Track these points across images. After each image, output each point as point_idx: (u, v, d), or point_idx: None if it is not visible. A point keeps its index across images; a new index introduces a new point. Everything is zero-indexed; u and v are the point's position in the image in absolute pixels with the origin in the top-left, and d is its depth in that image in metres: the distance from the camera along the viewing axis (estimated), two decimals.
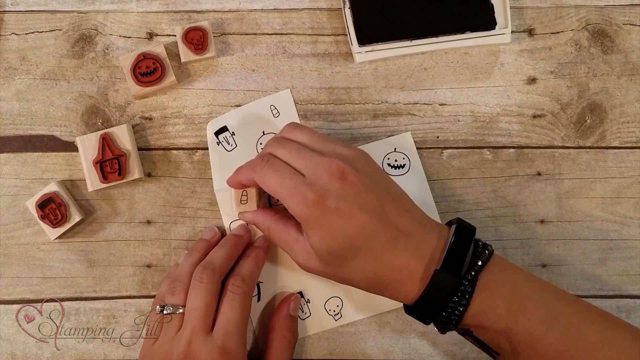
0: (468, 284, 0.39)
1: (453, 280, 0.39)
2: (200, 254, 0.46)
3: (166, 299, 0.44)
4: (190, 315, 0.42)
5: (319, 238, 0.40)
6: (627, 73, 0.50)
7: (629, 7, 0.50)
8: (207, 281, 0.43)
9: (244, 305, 0.44)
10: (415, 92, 0.50)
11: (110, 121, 0.50)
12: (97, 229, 0.50)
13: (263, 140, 0.49)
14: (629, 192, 0.49)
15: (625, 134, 0.50)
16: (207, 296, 0.43)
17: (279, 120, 0.50)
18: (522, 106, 0.50)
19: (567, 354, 0.38)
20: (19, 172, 0.50)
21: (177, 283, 0.44)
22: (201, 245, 0.47)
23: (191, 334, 0.42)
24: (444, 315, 0.40)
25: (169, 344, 0.43)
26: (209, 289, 0.43)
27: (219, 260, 0.45)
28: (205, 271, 0.43)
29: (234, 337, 0.42)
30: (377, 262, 0.40)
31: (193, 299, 0.43)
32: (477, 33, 0.48)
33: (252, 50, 0.50)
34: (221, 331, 0.42)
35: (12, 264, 0.49)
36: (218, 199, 0.49)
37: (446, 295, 0.39)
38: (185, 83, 0.50)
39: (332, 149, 0.42)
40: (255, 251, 0.47)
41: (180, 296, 0.44)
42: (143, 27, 0.50)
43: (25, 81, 0.50)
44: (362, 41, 0.48)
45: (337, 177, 0.39)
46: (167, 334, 0.43)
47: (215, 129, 0.50)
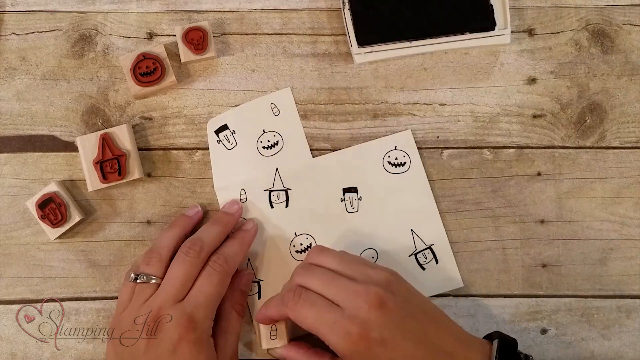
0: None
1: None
2: (180, 229, 0.47)
3: (141, 269, 0.44)
4: (167, 283, 0.43)
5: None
6: (627, 73, 0.50)
7: (629, 7, 0.50)
8: (192, 256, 0.44)
9: (221, 283, 0.44)
10: (415, 92, 0.50)
11: (110, 121, 0.50)
12: (97, 229, 0.50)
13: (263, 139, 0.49)
14: (629, 192, 0.49)
15: (625, 134, 0.50)
16: (189, 269, 0.43)
17: (279, 118, 0.50)
18: (522, 106, 0.50)
19: None
20: (19, 172, 0.50)
21: (154, 254, 0.45)
22: (182, 221, 0.47)
23: (163, 300, 0.42)
24: None
25: (137, 311, 0.43)
26: (193, 263, 0.43)
27: (208, 239, 0.45)
28: (193, 247, 0.44)
29: (203, 309, 0.42)
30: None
31: (174, 269, 0.43)
32: (476, 34, 0.48)
33: (252, 50, 0.50)
34: (192, 301, 0.42)
35: (12, 264, 0.49)
36: (218, 197, 0.49)
37: None
38: (185, 83, 0.50)
39: (363, 273, 0.41)
40: (243, 234, 0.47)
41: (156, 267, 0.44)
42: (143, 27, 0.50)
43: (25, 81, 0.50)
44: (362, 42, 0.48)
45: (376, 305, 0.39)
46: (138, 301, 0.43)
47: (216, 127, 0.50)
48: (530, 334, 0.49)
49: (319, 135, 0.50)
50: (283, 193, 0.49)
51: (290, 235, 0.49)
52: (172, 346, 0.41)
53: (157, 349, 0.41)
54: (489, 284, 0.49)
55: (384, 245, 0.49)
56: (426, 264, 0.49)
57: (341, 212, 0.49)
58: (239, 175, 0.49)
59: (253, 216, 0.49)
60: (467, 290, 0.49)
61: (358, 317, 0.39)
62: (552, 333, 0.49)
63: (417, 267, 0.49)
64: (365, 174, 0.49)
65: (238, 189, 0.49)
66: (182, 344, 0.41)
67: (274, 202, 0.49)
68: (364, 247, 0.49)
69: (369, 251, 0.49)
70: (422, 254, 0.49)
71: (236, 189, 0.49)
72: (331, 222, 0.49)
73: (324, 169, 0.49)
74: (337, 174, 0.49)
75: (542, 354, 0.49)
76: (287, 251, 0.49)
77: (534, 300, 0.49)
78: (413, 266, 0.49)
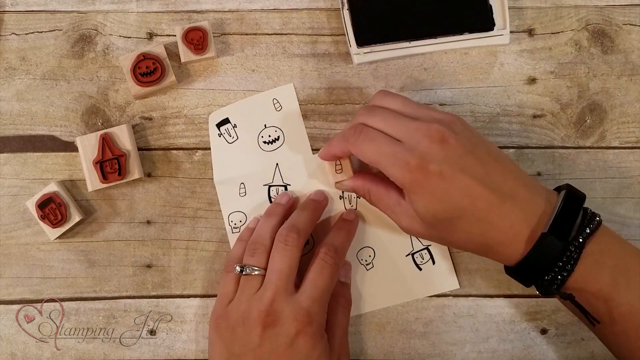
0: (574, 250, 0.39)
1: (560, 244, 0.39)
2: (278, 217, 0.46)
3: (245, 260, 0.44)
4: (274, 275, 0.43)
5: (423, 202, 0.40)
6: (627, 73, 0.50)
7: (629, 7, 0.50)
8: (292, 244, 0.43)
9: (332, 275, 0.44)
10: (415, 92, 0.50)
11: (110, 121, 0.50)
12: (97, 229, 0.50)
13: (264, 134, 0.49)
14: (629, 192, 0.49)
15: (625, 134, 0.50)
16: (292, 259, 0.43)
17: (281, 113, 0.50)
18: (522, 106, 0.50)
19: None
20: (19, 172, 0.50)
21: (258, 245, 0.45)
22: (279, 209, 0.47)
23: (274, 293, 0.42)
24: (546, 279, 0.40)
25: (247, 303, 0.43)
26: (293, 251, 0.43)
27: (302, 224, 0.45)
28: (290, 234, 0.44)
29: (318, 304, 0.42)
30: (483, 224, 0.40)
31: (277, 260, 0.43)
32: (475, 34, 0.48)
33: (252, 50, 0.50)
34: (308, 294, 0.42)
35: (12, 264, 0.49)
36: (218, 191, 0.49)
37: (552, 259, 0.39)
38: (185, 83, 0.50)
39: (427, 114, 0.42)
40: (348, 225, 0.47)
41: (261, 258, 0.44)
42: (143, 27, 0.50)
43: (25, 81, 0.50)
44: (361, 42, 0.48)
45: (437, 140, 0.39)
46: (245, 294, 0.43)
47: (217, 121, 0.50)
48: (530, 334, 0.49)
49: (319, 135, 0.50)
50: (283, 189, 0.49)
51: None
52: (290, 340, 0.41)
53: (272, 343, 0.41)
54: (489, 284, 0.49)
55: (381, 244, 0.49)
56: (423, 264, 0.49)
57: (340, 210, 0.49)
58: (239, 170, 0.49)
59: (252, 211, 0.49)
60: (467, 290, 0.49)
61: (417, 150, 0.39)
62: (552, 333, 0.49)
63: (414, 267, 0.49)
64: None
65: (238, 183, 0.49)
66: (300, 337, 0.41)
67: (274, 198, 0.49)
68: (361, 245, 0.49)
69: (366, 249, 0.49)
70: (419, 254, 0.49)
71: (236, 183, 0.49)
72: (329, 219, 0.49)
73: (323, 166, 0.49)
74: (340, 170, 0.49)
75: (542, 354, 0.49)
76: None
77: (534, 300, 0.49)
78: (410, 266, 0.49)
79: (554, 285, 0.40)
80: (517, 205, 0.40)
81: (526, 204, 0.40)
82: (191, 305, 0.49)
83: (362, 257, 0.49)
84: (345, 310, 0.46)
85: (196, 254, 0.50)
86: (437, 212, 0.40)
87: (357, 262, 0.49)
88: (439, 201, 0.39)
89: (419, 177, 0.39)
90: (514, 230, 0.40)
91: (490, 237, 0.40)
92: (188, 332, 0.49)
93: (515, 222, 0.40)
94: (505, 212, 0.39)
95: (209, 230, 0.50)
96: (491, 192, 0.39)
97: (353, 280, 0.49)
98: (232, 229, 0.49)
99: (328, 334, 0.44)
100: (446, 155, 0.39)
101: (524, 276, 0.41)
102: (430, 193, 0.39)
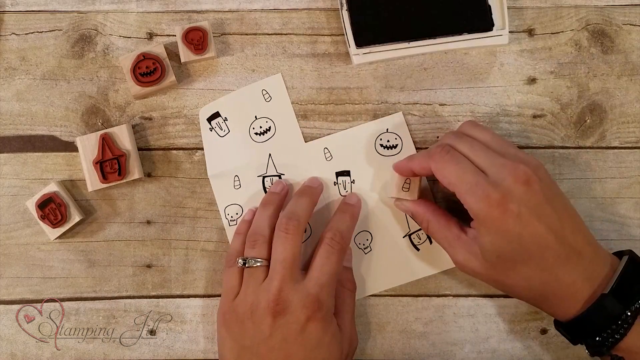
0: (631, 315, 0.39)
1: (618, 307, 0.39)
2: (274, 206, 0.46)
3: (247, 253, 0.44)
4: (278, 265, 0.43)
5: (491, 238, 0.40)
6: (627, 73, 0.50)
7: (629, 7, 0.50)
8: (293, 232, 0.43)
9: (339, 260, 0.44)
10: (415, 92, 0.50)
11: (110, 121, 0.50)
12: (97, 229, 0.50)
13: (255, 125, 0.49)
14: (629, 192, 0.49)
15: (625, 134, 0.50)
16: (294, 247, 0.43)
17: (271, 104, 0.50)
18: (522, 106, 0.50)
19: None
20: (19, 172, 0.50)
21: (258, 236, 0.44)
22: (274, 198, 0.47)
23: (281, 282, 0.42)
24: (597, 339, 0.40)
25: (254, 295, 0.43)
26: (295, 239, 0.43)
27: (301, 211, 0.45)
28: (290, 222, 0.43)
29: (326, 289, 0.43)
30: (546, 274, 0.40)
31: (280, 249, 0.43)
32: (474, 34, 0.48)
33: (252, 50, 0.50)
34: (315, 281, 0.42)
35: (12, 264, 0.49)
36: (212, 185, 0.49)
37: (608, 320, 0.39)
38: (185, 83, 0.50)
39: (514, 153, 0.42)
40: (351, 208, 0.47)
41: (262, 249, 0.44)
42: (143, 27, 0.50)
43: (25, 81, 0.50)
44: (360, 43, 0.48)
45: (522, 182, 0.39)
46: (251, 286, 0.43)
47: (208, 115, 0.50)
48: (530, 334, 0.49)
49: (319, 135, 0.50)
50: (277, 179, 0.49)
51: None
52: (300, 326, 0.41)
53: (283, 331, 0.41)
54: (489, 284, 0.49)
55: (378, 227, 0.49)
56: (420, 244, 0.49)
57: (335, 196, 0.49)
58: (233, 162, 0.49)
59: (248, 203, 0.49)
60: (467, 290, 0.49)
61: (501, 186, 0.39)
62: (552, 333, 0.49)
63: (412, 247, 0.49)
64: (357, 157, 0.49)
65: (232, 176, 0.49)
66: (310, 324, 0.41)
67: (268, 188, 0.49)
68: (358, 229, 0.49)
69: (363, 233, 0.49)
70: (416, 234, 0.49)
71: (230, 176, 0.49)
72: (325, 205, 0.49)
73: (316, 153, 0.49)
74: (330, 157, 0.49)
75: (542, 354, 0.49)
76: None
77: None
78: (407, 247, 0.49)
79: (604, 347, 0.40)
80: (581, 263, 0.40)
81: (590, 263, 0.40)
82: (191, 305, 0.49)
83: (359, 242, 0.49)
84: (352, 294, 0.47)
85: (196, 254, 0.50)
86: (503, 252, 0.40)
87: (355, 247, 0.49)
88: (509, 242, 0.39)
89: (496, 213, 0.39)
90: (575, 287, 0.40)
91: (550, 288, 0.40)
92: (188, 332, 0.49)
93: (578, 280, 0.40)
94: (570, 268, 0.40)
95: (209, 230, 0.50)
96: (561, 245, 0.39)
97: (353, 265, 0.49)
98: (229, 222, 0.49)
99: (337, 318, 0.44)
100: (528, 199, 0.39)
101: (574, 333, 0.41)
102: (502, 231, 0.39)
